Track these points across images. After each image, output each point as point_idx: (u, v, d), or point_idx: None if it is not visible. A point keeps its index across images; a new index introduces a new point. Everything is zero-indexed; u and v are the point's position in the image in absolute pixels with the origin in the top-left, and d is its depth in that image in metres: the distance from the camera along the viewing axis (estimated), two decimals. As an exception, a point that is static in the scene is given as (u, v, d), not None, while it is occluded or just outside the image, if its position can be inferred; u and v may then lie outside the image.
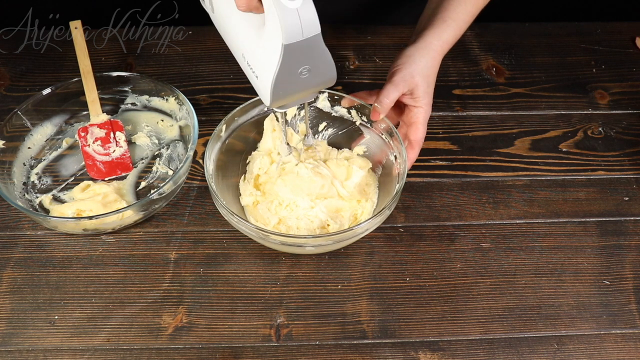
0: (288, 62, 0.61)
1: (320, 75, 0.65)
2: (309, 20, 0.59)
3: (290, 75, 0.63)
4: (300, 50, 0.61)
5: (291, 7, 0.58)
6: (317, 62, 0.63)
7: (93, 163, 0.89)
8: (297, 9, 0.58)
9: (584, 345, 0.75)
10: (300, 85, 0.65)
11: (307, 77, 0.64)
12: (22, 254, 0.81)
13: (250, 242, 0.81)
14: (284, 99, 0.67)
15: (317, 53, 0.62)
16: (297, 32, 0.59)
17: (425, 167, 0.90)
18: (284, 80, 0.63)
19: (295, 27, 0.59)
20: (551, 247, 0.83)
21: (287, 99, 0.67)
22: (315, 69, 0.64)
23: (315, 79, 0.65)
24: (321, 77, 0.65)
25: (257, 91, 0.69)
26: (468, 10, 0.83)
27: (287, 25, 0.58)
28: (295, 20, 0.59)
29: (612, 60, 1.05)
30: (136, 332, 0.75)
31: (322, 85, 0.68)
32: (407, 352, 0.74)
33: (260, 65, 0.65)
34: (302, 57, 0.62)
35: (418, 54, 0.80)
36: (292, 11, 0.58)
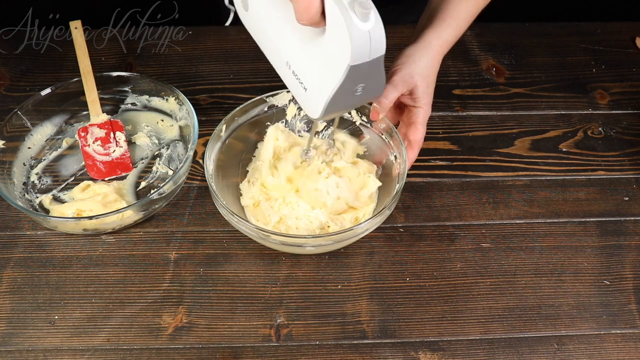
0: (348, 81, 0.60)
1: (371, 91, 0.64)
2: (378, 42, 0.57)
3: (346, 92, 0.61)
4: (363, 70, 0.59)
5: (364, 28, 0.56)
6: (373, 80, 0.62)
7: (93, 163, 0.89)
8: (369, 31, 0.56)
9: (584, 345, 0.75)
10: (353, 101, 0.64)
11: (360, 94, 0.63)
12: (22, 254, 0.81)
13: (250, 242, 0.81)
14: (333, 113, 0.65)
15: (376, 72, 0.61)
16: (364, 54, 0.57)
17: (425, 167, 0.90)
18: (340, 96, 0.62)
19: (364, 48, 0.57)
20: (551, 247, 0.83)
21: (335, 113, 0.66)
22: (369, 87, 0.62)
23: (365, 95, 0.64)
24: (371, 93, 0.64)
25: (302, 102, 0.67)
26: (468, 10, 0.83)
27: (357, 46, 0.56)
28: (366, 42, 0.56)
29: (612, 60, 1.05)
30: (136, 332, 0.75)
31: (370, 99, 0.67)
32: (407, 352, 0.74)
33: (313, 78, 0.63)
34: (361, 77, 0.60)
35: (418, 54, 0.80)
36: (364, 33, 0.56)
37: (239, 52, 1.05)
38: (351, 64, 0.58)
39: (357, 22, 0.55)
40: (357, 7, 0.55)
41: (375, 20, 0.56)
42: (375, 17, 0.56)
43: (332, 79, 0.60)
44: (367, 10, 0.55)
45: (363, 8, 0.55)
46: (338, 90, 0.60)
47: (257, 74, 1.01)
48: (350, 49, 0.56)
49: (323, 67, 0.61)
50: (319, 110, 0.64)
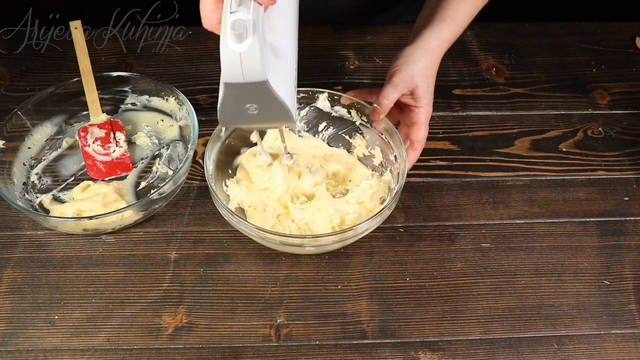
0: (230, 97, 0.61)
1: (273, 115, 0.64)
2: (252, 66, 0.58)
3: (236, 108, 0.63)
4: (244, 91, 0.60)
5: (235, 49, 0.57)
6: (267, 103, 0.62)
7: (93, 163, 0.89)
8: (240, 53, 0.57)
9: (584, 345, 0.75)
10: (251, 118, 0.64)
11: (256, 113, 0.63)
12: (22, 254, 0.81)
13: (250, 242, 0.81)
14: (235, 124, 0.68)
15: (265, 97, 0.61)
16: (237, 75, 0.58)
17: (425, 167, 0.90)
18: (229, 110, 0.63)
19: (235, 70, 0.58)
20: (551, 247, 0.83)
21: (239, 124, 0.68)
22: (265, 109, 0.63)
23: (267, 116, 0.65)
24: (274, 116, 0.65)
25: None
26: (467, 9, 0.83)
27: (227, 66, 0.58)
28: (236, 64, 0.57)
29: (612, 60, 1.05)
30: (136, 332, 0.75)
31: (280, 122, 0.68)
32: (407, 352, 0.74)
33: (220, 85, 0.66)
34: (247, 96, 0.61)
35: (417, 54, 0.80)
36: (234, 54, 0.57)
37: (239, 52, 1.04)
38: (224, 80, 0.60)
39: (229, 42, 0.57)
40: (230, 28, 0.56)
41: (249, 45, 0.57)
42: (250, 43, 0.56)
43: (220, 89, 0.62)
44: (240, 32, 0.56)
45: (236, 30, 0.56)
46: (223, 103, 0.62)
47: (257, 74, 1.01)
48: (222, 66, 0.58)
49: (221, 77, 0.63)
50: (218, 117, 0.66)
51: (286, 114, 0.64)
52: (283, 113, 0.64)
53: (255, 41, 0.57)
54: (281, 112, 0.64)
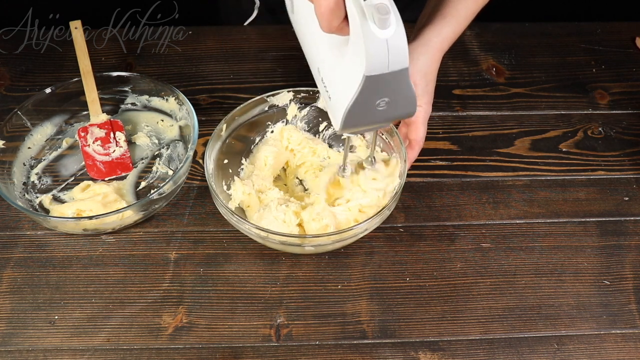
0: (366, 93, 0.56)
1: (399, 108, 0.60)
2: (398, 53, 0.53)
3: (366, 106, 0.58)
4: (382, 83, 0.55)
5: (381, 36, 0.52)
6: (398, 95, 0.58)
7: (93, 163, 0.89)
8: (387, 40, 0.52)
9: (584, 345, 0.75)
10: (376, 116, 0.60)
11: (384, 109, 0.59)
12: (22, 254, 0.81)
13: (250, 242, 0.81)
14: (355, 127, 0.62)
15: (400, 87, 0.57)
16: (382, 65, 0.53)
17: (425, 167, 0.90)
18: (359, 109, 0.58)
19: (381, 58, 0.53)
20: (551, 247, 0.83)
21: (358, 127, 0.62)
22: (394, 102, 0.58)
23: (392, 111, 0.60)
24: (399, 110, 0.60)
25: (329, 111, 0.64)
26: (468, 7, 0.83)
27: (373, 55, 0.53)
28: (383, 52, 0.53)
29: (612, 60, 1.05)
30: (136, 332, 0.75)
31: (400, 117, 0.63)
32: (407, 352, 0.74)
33: (336, 87, 0.60)
34: (382, 90, 0.57)
35: (417, 52, 0.80)
36: (380, 41, 0.52)
37: (239, 52, 1.05)
38: (366, 74, 0.54)
39: (373, 28, 0.52)
40: (375, 12, 0.51)
41: (395, 29, 0.52)
42: (395, 25, 0.52)
43: (350, 89, 0.57)
44: (386, 16, 0.51)
45: (381, 13, 0.51)
46: (355, 102, 0.57)
47: (257, 74, 1.01)
48: (365, 57, 0.53)
49: (345, 76, 0.58)
50: (338, 122, 0.60)
51: (413, 104, 0.60)
52: (410, 103, 0.60)
53: (401, 25, 0.52)
54: (409, 103, 0.60)
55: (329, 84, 0.62)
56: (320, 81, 0.64)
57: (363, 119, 0.60)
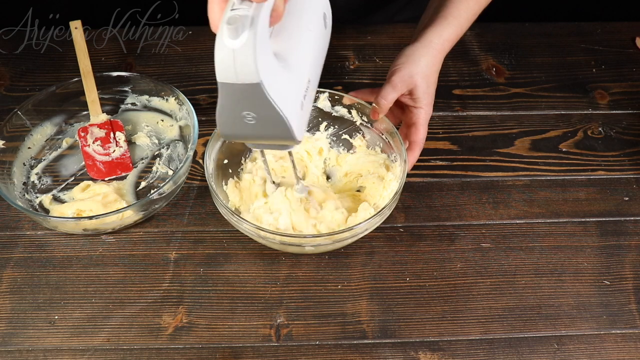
0: (228, 100, 0.58)
1: (271, 128, 0.60)
2: (245, 65, 0.54)
3: (233, 116, 0.59)
4: (240, 94, 0.57)
5: (228, 45, 0.54)
6: (263, 113, 0.59)
7: (93, 163, 0.89)
8: (233, 50, 0.54)
9: (584, 345, 0.75)
10: (250, 130, 0.61)
11: (254, 124, 0.60)
12: (22, 254, 0.81)
13: (250, 242, 0.81)
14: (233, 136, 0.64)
15: (261, 103, 0.58)
16: (230, 74, 0.55)
17: (425, 167, 0.90)
18: (227, 117, 0.60)
19: (228, 67, 0.55)
20: (551, 247, 0.83)
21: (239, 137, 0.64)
22: (262, 120, 0.59)
23: (265, 130, 0.61)
24: (273, 130, 0.61)
25: None
26: (470, 8, 0.83)
27: (220, 62, 0.55)
28: (229, 61, 0.54)
29: (612, 60, 1.05)
30: (136, 332, 0.75)
31: (280, 140, 0.63)
32: (407, 352, 0.74)
33: None
34: (242, 102, 0.58)
35: (418, 53, 0.80)
36: (228, 50, 0.54)
37: (239, 52, 1.04)
38: (218, 80, 0.56)
39: (224, 38, 0.54)
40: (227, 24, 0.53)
41: (245, 42, 0.54)
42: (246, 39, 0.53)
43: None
44: (235, 26, 0.53)
45: (231, 24, 0.53)
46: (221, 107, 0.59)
47: (257, 74, 1.01)
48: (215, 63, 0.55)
49: None
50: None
51: (286, 129, 0.60)
52: (282, 127, 0.60)
53: (251, 37, 0.53)
54: (280, 126, 0.60)
55: None
56: None
57: (236, 129, 0.61)
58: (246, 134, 0.62)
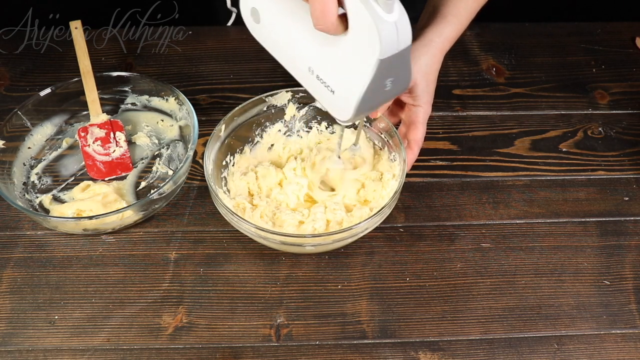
0: (379, 76, 0.58)
1: (400, 83, 0.62)
2: (405, 32, 0.56)
3: (376, 89, 0.60)
4: (392, 63, 0.58)
5: (390, 20, 0.55)
6: (402, 72, 0.61)
7: (93, 163, 0.89)
8: (395, 22, 0.55)
9: (584, 345, 0.75)
10: (383, 96, 0.62)
11: (389, 88, 0.61)
12: (22, 254, 0.81)
13: (250, 242, 0.81)
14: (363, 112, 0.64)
15: (404, 63, 0.60)
16: (393, 46, 0.56)
17: (425, 167, 0.90)
18: (370, 94, 0.60)
19: (392, 40, 0.56)
20: (551, 247, 0.83)
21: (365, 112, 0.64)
22: (398, 79, 0.61)
23: (395, 88, 0.62)
24: (400, 85, 0.63)
25: (330, 106, 0.65)
26: (469, 6, 0.83)
27: (386, 39, 0.55)
28: (393, 34, 0.55)
29: (612, 60, 1.05)
30: (136, 332, 0.75)
31: (399, 93, 0.65)
32: (407, 352, 0.74)
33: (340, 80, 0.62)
34: (391, 70, 0.59)
35: (418, 52, 0.80)
36: (390, 25, 0.55)
37: (239, 52, 1.05)
38: (381, 57, 0.56)
39: (382, 14, 0.55)
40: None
41: (399, 11, 0.55)
42: (399, 7, 0.55)
43: (362, 77, 0.59)
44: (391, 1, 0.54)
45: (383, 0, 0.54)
46: (369, 87, 0.59)
47: (257, 74, 1.01)
48: (379, 42, 0.55)
49: (350, 66, 0.60)
50: (350, 111, 0.62)
51: (409, 78, 0.62)
52: (407, 77, 0.62)
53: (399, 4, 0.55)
54: (406, 78, 0.62)
55: (330, 79, 0.63)
56: (314, 80, 0.65)
57: (372, 103, 0.62)
58: (377, 103, 0.64)
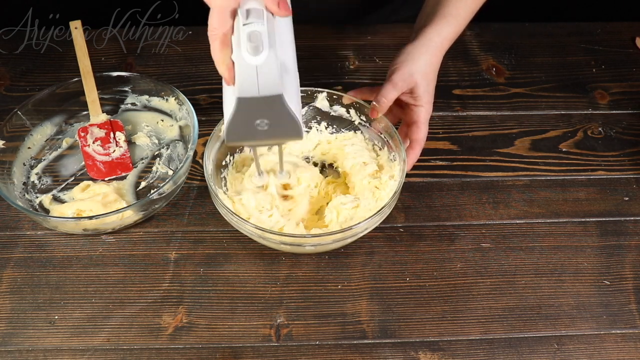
0: (242, 113, 0.61)
1: (283, 130, 0.64)
2: (268, 79, 0.58)
3: (245, 125, 0.63)
4: (257, 106, 0.60)
5: (251, 62, 0.57)
6: (278, 118, 0.62)
7: (93, 163, 0.89)
8: (257, 66, 0.57)
9: (584, 345, 0.75)
10: (260, 135, 0.64)
11: (266, 129, 0.63)
12: (22, 254, 0.81)
13: (250, 242, 0.81)
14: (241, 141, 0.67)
15: (278, 111, 0.61)
16: (252, 89, 0.58)
17: (425, 167, 0.90)
18: (238, 127, 0.63)
19: (251, 83, 0.58)
20: (551, 247, 0.83)
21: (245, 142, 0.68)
22: (276, 125, 0.63)
23: (276, 132, 0.64)
24: (285, 132, 0.65)
25: None
26: (468, 5, 0.83)
27: (243, 79, 0.58)
28: (252, 77, 0.57)
29: (612, 60, 1.05)
30: (136, 332, 0.75)
31: (287, 139, 0.67)
32: (407, 352, 0.74)
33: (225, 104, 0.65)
34: (259, 112, 0.61)
35: (417, 52, 0.80)
36: (250, 67, 0.57)
37: (239, 52, 1.04)
38: (238, 95, 0.59)
39: (245, 55, 0.56)
40: (247, 40, 0.56)
41: (266, 58, 0.57)
42: (267, 55, 0.57)
43: (230, 107, 0.61)
44: (256, 44, 0.56)
45: (252, 42, 0.56)
46: (233, 119, 0.62)
47: (257, 74, 1.01)
48: (236, 80, 0.58)
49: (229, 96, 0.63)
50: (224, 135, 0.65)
51: (297, 129, 0.64)
52: (294, 128, 0.64)
53: (272, 54, 0.56)
54: (292, 128, 0.64)
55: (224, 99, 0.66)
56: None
57: (246, 135, 0.65)
58: (255, 138, 0.66)
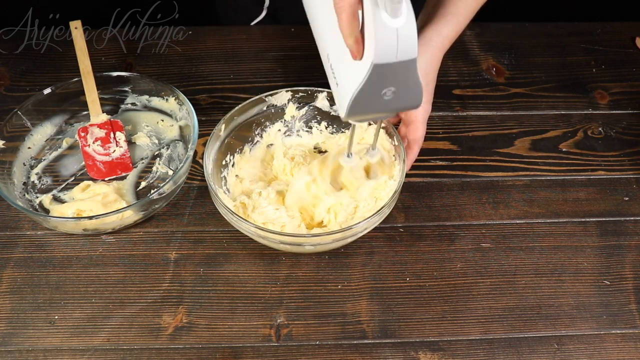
0: (373, 81, 0.56)
1: (405, 99, 0.60)
2: (408, 43, 0.54)
3: (372, 95, 0.58)
4: (390, 72, 0.56)
5: (391, 25, 0.52)
6: (405, 85, 0.58)
7: (93, 163, 0.89)
8: (397, 29, 0.52)
9: (584, 345, 0.75)
10: (382, 105, 0.60)
11: (390, 98, 0.59)
12: (22, 254, 0.81)
13: (250, 242, 0.81)
14: (361, 115, 0.62)
15: (408, 77, 0.57)
16: (391, 53, 0.54)
17: (425, 167, 0.90)
18: (365, 98, 0.58)
19: (390, 47, 0.53)
20: (551, 247, 0.83)
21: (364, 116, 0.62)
22: (400, 92, 0.59)
23: (398, 101, 0.60)
24: (406, 100, 0.60)
25: (335, 98, 0.65)
26: (468, 5, 0.83)
27: (383, 43, 0.53)
28: (392, 41, 0.53)
29: (612, 60, 1.05)
30: (136, 332, 0.75)
31: (406, 108, 0.64)
32: (407, 352, 0.74)
33: (343, 74, 0.61)
34: (389, 79, 0.57)
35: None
36: (391, 30, 0.52)
37: (239, 52, 1.05)
38: (375, 62, 0.54)
39: (384, 17, 0.52)
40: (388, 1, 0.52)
41: (406, 18, 0.53)
42: (407, 15, 0.53)
43: (357, 77, 0.57)
44: (397, 4, 0.51)
45: (392, 2, 0.51)
46: (362, 90, 0.57)
47: (257, 74, 1.01)
48: (374, 45, 0.53)
49: (353, 64, 0.58)
50: (344, 109, 0.61)
51: (419, 96, 0.60)
52: (416, 95, 0.60)
53: (412, 15, 0.52)
54: (415, 95, 0.60)
55: (337, 71, 0.62)
56: (328, 68, 0.64)
57: (369, 108, 0.60)
58: (377, 110, 0.62)
